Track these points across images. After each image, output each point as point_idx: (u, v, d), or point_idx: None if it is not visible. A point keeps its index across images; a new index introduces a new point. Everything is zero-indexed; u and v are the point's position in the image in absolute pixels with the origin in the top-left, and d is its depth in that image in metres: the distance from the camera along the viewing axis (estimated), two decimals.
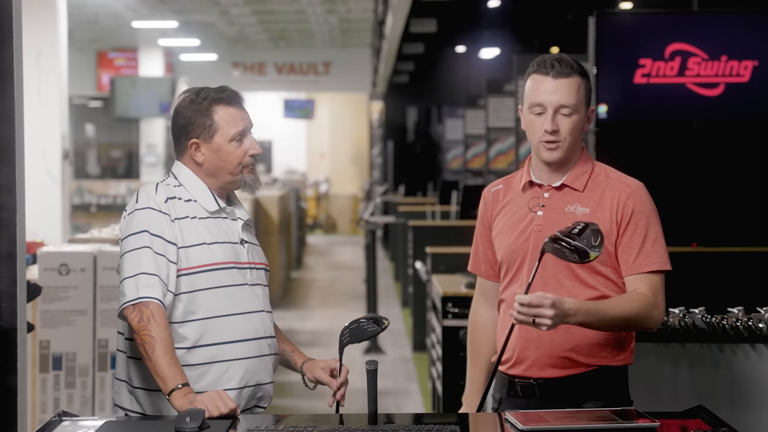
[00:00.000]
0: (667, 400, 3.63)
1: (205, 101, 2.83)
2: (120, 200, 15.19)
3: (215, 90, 2.85)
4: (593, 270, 2.71)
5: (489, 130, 11.80)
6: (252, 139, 2.86)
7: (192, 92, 2.86)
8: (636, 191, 2.74)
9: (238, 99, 2.87)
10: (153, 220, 2.74)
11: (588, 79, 2.79)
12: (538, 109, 2.75)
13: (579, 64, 2.79)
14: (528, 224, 2.79)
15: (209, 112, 2.82)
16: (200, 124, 2.82)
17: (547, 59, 2.77)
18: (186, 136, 2.84)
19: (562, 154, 2.75)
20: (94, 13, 14.20)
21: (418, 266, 7.86)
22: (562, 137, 2.73)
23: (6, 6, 2.74)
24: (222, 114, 2.82)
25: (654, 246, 2.71)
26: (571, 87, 2.73)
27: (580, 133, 2.77)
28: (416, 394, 7.35)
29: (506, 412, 2.51)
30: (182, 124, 2.84)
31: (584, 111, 2.77)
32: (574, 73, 2.74)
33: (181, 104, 2.86)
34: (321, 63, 18.31)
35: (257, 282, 2.85)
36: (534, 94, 2.75)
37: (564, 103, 2.73)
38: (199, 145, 2.83)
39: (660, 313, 2.69)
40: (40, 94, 8.04)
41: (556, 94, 2.73)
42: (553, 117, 2.73)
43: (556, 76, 2.73)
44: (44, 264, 4.86)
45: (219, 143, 2.82)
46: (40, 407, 4.83)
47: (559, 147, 2.74)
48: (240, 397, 2.75)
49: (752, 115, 5.43)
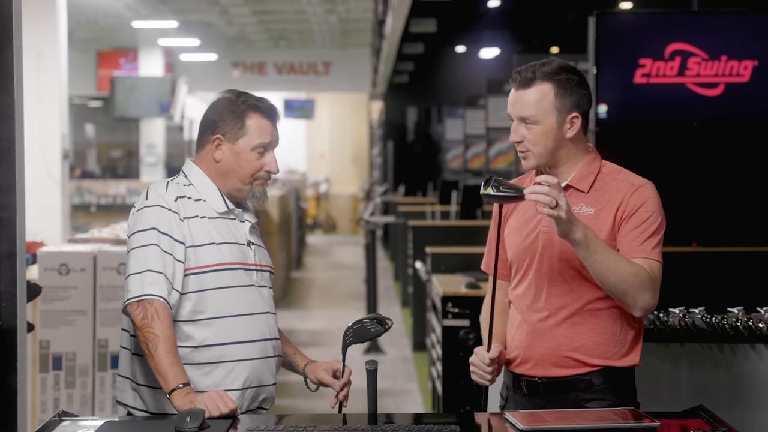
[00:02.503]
0: (667, 400, 3.64)
1: (243, 105, 2.84)
2: (120, 200, 15.18)
3: (256, 98, 2.87)
4: None
5: (489, 130, 11.81)
6: (273, 156, 2.87)
7: (233, 93, 2.88)
8: (642, 188, 2.73)
9: (275, 114, 2.88)
10: (162, 218, 2.74)
11: (569, 85, 2.73)
12: (510, 119, 2.80)
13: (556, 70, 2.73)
14: (536, 225, 2.80)
15: (243, 115, 2.83)
16: (230, 124, 2.82)
17: (515, 71, 2.77)
18: (212, 130, 2.84)
19: (534, 162, 2.76)
20: (94, 13, 14.19)
21: (418, 266, 7.86)
22: (528, 147, 2.74)
23: (6, 6, 2.74)
24: (254, 122, 2.83)
25: (652, 237, 2.69)
26: (531, 97, 2.72)
27: (553, 141, 2.73)
28: (416, 394, 7.35)
29: (506, 412, 2.52)
30: (213, 119, 2.85)
31: (554, 119, 2.72)
32: (538, 81, 2.72)
33: (219, 101, 2.88)
34: (321, 63, 18.30)
35: (263, 284, 2.86)
36: (507, 105, 2.81)
37: (522, 114, 2.74)
38: (221, 143, 2.83)
39: (651, 299, 2.63)
40: (40, 94, 8.05)
41: (515, 105, 2.76)
42: (516, 128, 2.76)
43: (518, 87, 2.76)
44: (44, 264, 4.86)
45: (242, 147, 2.82)
46: (40, 407, 4.83)
47: (529, 155, 2.76)
48: (243, 398, 2.75)
49: (752, 115, 5.43)
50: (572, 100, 2.74)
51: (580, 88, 2.75)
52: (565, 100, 2.73)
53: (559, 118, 2.73)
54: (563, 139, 2.75)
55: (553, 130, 2.73)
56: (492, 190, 2.57)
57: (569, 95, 2.73)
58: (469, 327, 5.41)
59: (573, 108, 2.74)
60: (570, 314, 2.72)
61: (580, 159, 2.79)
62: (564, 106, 2.73)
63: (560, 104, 2.73)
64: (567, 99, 2.73)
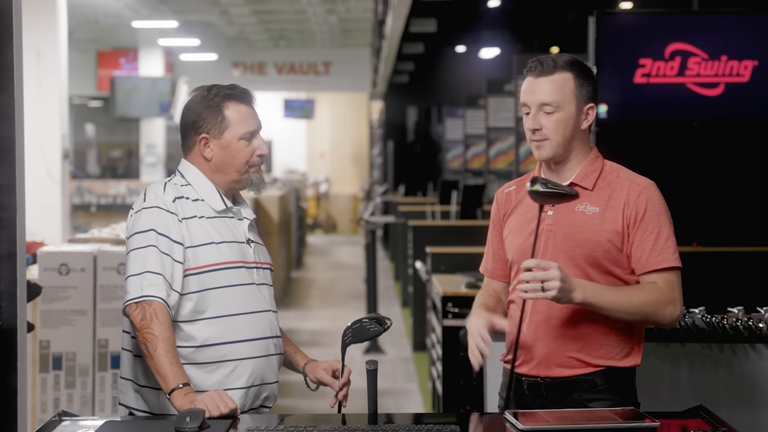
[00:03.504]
0: (667, 400, 3.63)
1: (216, 97, 2.83)
2: (120, 200, 15.19)
3: (227, 87, 2.86)
4: (604, 270, 2.72)
5: (489, 129, 11.82)
6: (260, 139, 2.87)
7: (203, 89, 2.87)
8: (646, 189, 2.74)
9: (249, 97, 2.88)
10: (160, 219, 2.74)
11: (585, 76, 2.77)
12: (525, 108, 2.79)
13: (572, 61, 2.77)
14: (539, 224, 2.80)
15: (220, 108, 2.82)
16: (211, 120, 2.82)
17: (534, 60, 2.79)
18: (196, 131, 2.84)
19: (550, 152, 2.76)
20: (94, 13, 14.20)
21: (418, 266, 7.86)
22: (546, 135, 2.75)
23: (6, 6, 2.74)
24: (233, 111, 2.83)
25: (666, 243, 2.71)
26: (554, 84, 2.74)
27: (570, 130, 2.76)
28: (416, 394, 7.35)
29: (506, 412, 2.52)
30: (192, 120, 2.84)
31: (574, 108, 2.75)
32: (559, 69, 2.74)
33: (192, 100, 2.86)
34: (321, 63, 18.30)
35: (263, 281, 2.86)
36: (522, 95, 2.81)
37: (544, 100, 2.74)
38: (208, 141, 2.83)
39: (676, 310, 2.68)
40: (40, 94, 8.05)
41: (537, 92, 2.75)
42: (535, 115, 2.76)
43: (539, 75, 2.76)
44: (44, 264, 4.86)
45: (229, 140, 2.82)
46: (40, 407, 4.83)
47: (546, 144, 2.76)
48: (246, 396, 2.75)
49: (752, 115, 5.43)
50: (589, 91, 2.78)
51: (592, 81, 2.80)
52: (583, 90, 2.77)
53: (578, 107, 2.76)
54: (578, 130, 2.77)
55: (572, 119, 2.75)
56: (540, 187, 2.58)
57: (587, 86, 2.77)
58: None
59: (589, 99, 2.78)
60: (572, 314, 2.72)
61: (584, 156, 2.81)
62: (582, 96, 2.76)
63: (579, 93, 2.76)
64: (585, 89, 2.77)
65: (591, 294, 2.61)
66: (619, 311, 2.65)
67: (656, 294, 2.66)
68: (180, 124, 2.89)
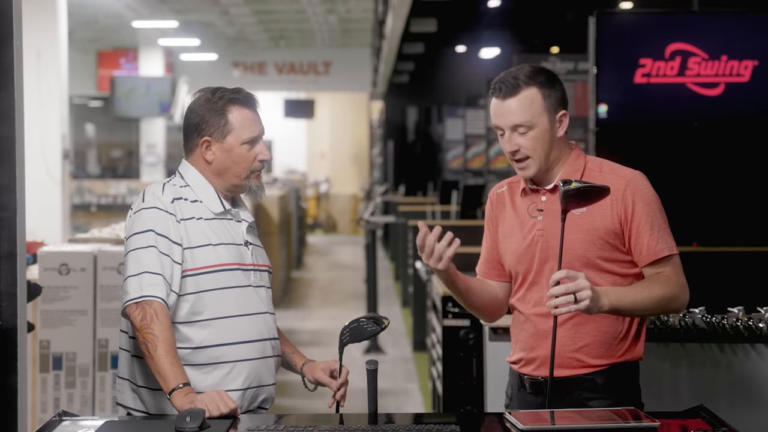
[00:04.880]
0: (667, 400, 3.63)
1: (220, 101, 2.82)
2: (120, 200, 15.19)
3: (231, 90, 2.85)
4: (600, 269, 2.72)
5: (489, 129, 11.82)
6: (263, 144, 2.86)
7: (207, 91, 2.86)
8: (631, 182, 2.74)
9: (253, 102, 2.87)
10: (159, 220, 2.74)
11: (550, 85, 2.75)
12: (499, 131, 2.78)
13: (534, 73, 2.74)
14: (531, 229, 2.80)
15: (224, 111, 2.81)
16: (214, 123, 2.81)
17: (496, 81, 2.77)
18: (198, 133, 2.83)
19: (535, 169, 2.76)
20: (94, 13, 14.19)
21: (418, 266, 7.86)
22: (527, 153, 2.74)
23: (6, 6, 2.74)
24: (236, 115, 2.82)
25: (661, 231, 2.72)
26: (522, 103, 2.72)
27: (548, 143, 2.75)
28: (416, 394, 7.36)
29: (506, 412, 2.52)
30: (196, 122, 2.84)
31: (546, 121, 2.74)
32: (523, 87, 2.72)
33: (196, 102, 2.86)
34: (321, 63, 18.30)
35: (261, 284, 2.85)
36: (492, 118, 2.80)
37: (516, 122, 2.73)
38: (210, 144, 2.82)
39: (687, 293, 2.73)
40: (40, 94, 8.05)
41: (507, 114, 2.74)
42: (511, 137, 2.75)
43: (505, 97, 2.74)
44: (44, 264, 4.86)
45: (231, 144, 2.82)
46: (40, 407, 4.83)
47: (529, 162, 2.76)
48: (243, 398, 2.75)
49: (752, 115, 5.44)
50: (557, 99, 2.76)
51: (559, 85, 2.79)
52: (551, 100, 2.75)
53: (551, 119, 2.75)
54: (556, 139, 2.77)
55: (547, 131, 2.75)
56: (578, 183, 2.56)
57: (553, 94, 2.76)
58: (469, 327, 5.40)
59: (559, 106, 2.77)
60: (573, 315, 2.72)
61: (566, 158, 2.81)
62: (552, 106, 2.75)
63: (548, 105, 2.75)
64: (552, 98, 2.75)
65: (615, 299, 2.61)
66: (643, 309, 2.68)
67: (670, 284, 2.69)
68: (183, 125, 2.89)
